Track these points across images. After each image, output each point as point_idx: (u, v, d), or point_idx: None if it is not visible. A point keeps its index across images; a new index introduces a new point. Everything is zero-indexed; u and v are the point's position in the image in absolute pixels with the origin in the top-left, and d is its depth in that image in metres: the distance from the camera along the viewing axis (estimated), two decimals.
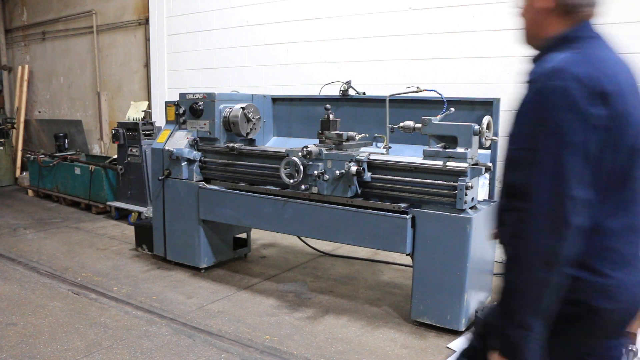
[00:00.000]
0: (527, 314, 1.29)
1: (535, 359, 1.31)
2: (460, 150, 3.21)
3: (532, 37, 1.51)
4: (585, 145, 1.26)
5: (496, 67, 4.69)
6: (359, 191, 3.52)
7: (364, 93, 4.31)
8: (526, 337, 1.29)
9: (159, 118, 6.52)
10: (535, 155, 1.29)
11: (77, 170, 6.92)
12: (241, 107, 4.22)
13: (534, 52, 1.51)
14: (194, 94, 4.40)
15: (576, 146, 1.26)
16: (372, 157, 3.49)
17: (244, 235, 4.89)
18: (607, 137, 1.29)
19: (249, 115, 4.26)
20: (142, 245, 4.98)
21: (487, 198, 3.73)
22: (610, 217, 1.36)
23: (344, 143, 3.64)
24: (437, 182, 3.26)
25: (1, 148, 8.73)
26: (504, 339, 1.33)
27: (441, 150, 3.27)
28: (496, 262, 4.49)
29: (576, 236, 1.28)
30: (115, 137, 6.25)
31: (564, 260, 1.28)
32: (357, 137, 3.75)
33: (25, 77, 9.47)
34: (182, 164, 4.36)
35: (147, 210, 5.29)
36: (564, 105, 1.26)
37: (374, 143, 4.03)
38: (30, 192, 7.91)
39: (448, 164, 3.21)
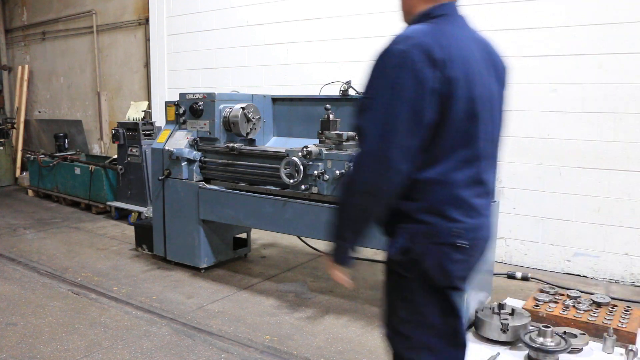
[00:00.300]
0: (346, 229, 1.61)
1: (345, 262, 1.67)
2: None
3: (405, 14, 1.76)
4: (416, 101, 1.46)
5: None
6: None
7: None
8: (343, 246, 1.64)
9: (159, 118, 6.52)
10: (373, 103, 1.51)
11: (77, 170, 6.92)
12: (241, 107, 4.22)
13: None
14: (194, 94, 4.40)
15: (407, 101, 1.46)
16: None
17: (244, 235, 4.90)
18: (442, 99, 1.48)
19: (249, 115, 4.26)
20: (142, 245, 4.98)
21: None
22: (457, 171, 1.57)
23: (344, 143, 3.64)
24: None
25: (1, 148, 8.74)
26: (331, 245, 1.66)
27: None
28: (496, 262, 4.48)
29: (399, 178, 1.51)
30: (115, 137, 6.25)
31: (384, 194, 1.53)
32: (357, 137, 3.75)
33: (25, 77, 9.47)
34: (182, 164, 4.36)
35: (147, 210, 5.29)
36: (403, 65, 1.46)
37: None
38: (30, 192, 7.91)
39: None
